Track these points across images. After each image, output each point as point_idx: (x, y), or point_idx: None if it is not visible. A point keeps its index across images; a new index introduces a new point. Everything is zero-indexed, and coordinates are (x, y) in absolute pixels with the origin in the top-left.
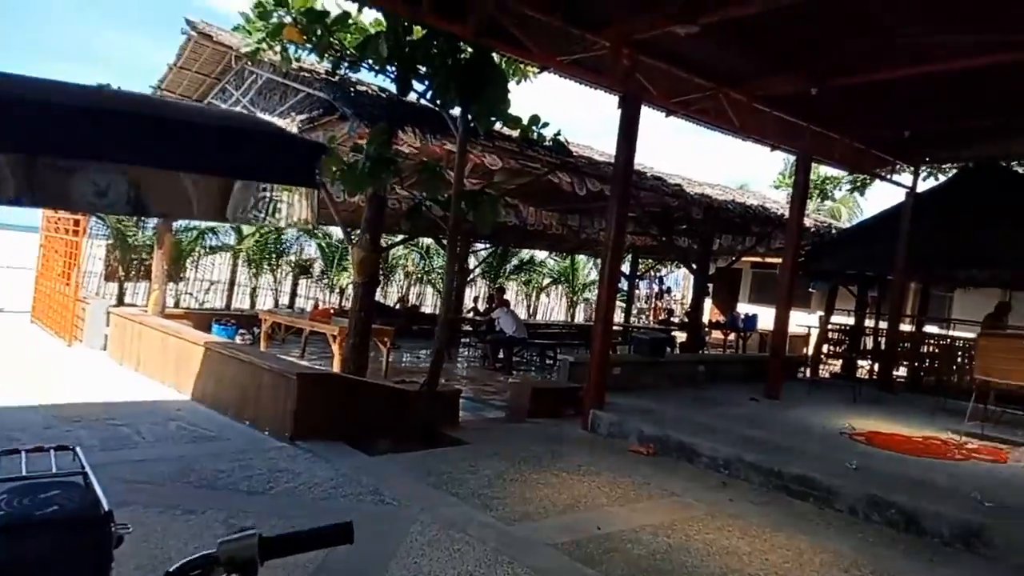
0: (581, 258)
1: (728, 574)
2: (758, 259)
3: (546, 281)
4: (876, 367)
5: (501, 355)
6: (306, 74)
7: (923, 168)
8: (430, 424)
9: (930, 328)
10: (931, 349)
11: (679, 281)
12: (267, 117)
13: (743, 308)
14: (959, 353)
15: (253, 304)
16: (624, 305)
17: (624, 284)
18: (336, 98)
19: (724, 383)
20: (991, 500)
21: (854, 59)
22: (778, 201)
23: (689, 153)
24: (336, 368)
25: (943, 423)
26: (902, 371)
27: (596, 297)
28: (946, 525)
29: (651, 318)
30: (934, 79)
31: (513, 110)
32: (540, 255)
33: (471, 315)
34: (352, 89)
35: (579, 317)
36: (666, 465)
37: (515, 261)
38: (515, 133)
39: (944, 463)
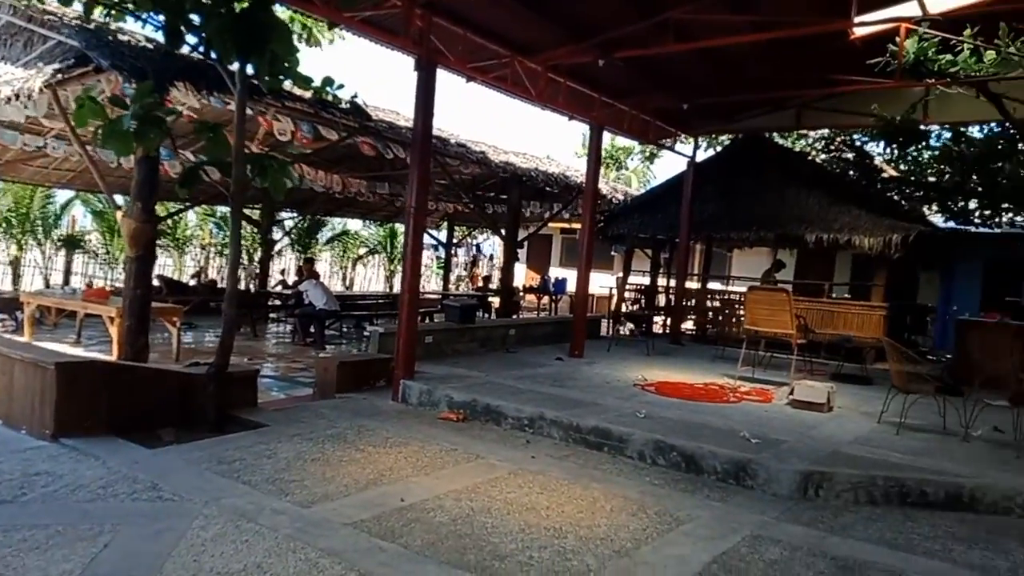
0: (400, 227)
1: (527, 529)
2: (566, 225)
3: (362, 251)
4: (668, 322)
5: (312, 329)
6: (52, 18)
7: (701, 139)
8: (222, 408)
9: (713, 285)
10: (714, 304)
11: (496, 248)
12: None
13: (555, 272)
14: (736, 306)
15: (16, 284)
16: (442, 273)
17: (443, 252)
18: (91, 47)
19: (534, 345)
20: (757, 437)
21: (632, 34)
22: (579, 170)
23: (509, 124)
24: (114, 354)
25: (722, 370)
26: (691, 325)
27: (401, 265)
28: (719, 463)
29: (470, 285)
30: (706, 57)
31: (346, 77)
32: (354, 224)
33: (279, 288)
34: (111, 37)
35: (398, 287)
36: (474, 430)
37: (328, 232)
38: (308, 94)
39: (720, 406)
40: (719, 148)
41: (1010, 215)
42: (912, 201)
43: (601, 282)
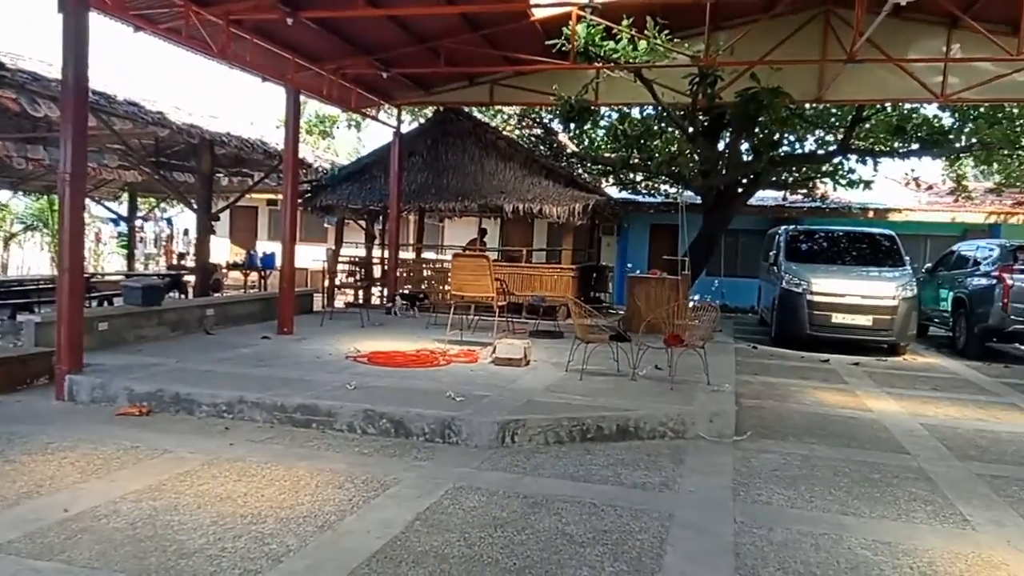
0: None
1: (220, 521)
2: (274, 196)
3: (17, 228)
4: (384, 292)
5: None
6: None
7: (406, 110)
8: None
9: (428, 254)
10: (428, 272)
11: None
12: None
13: (264, 247)
14: (447, 274)
15: None
16: (125, 250)
17: (125, 227)
18: None
19: (238, 325)
20: (462, 396)
21: None
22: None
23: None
24: None
25: (434, 335)
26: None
27: (58, 242)
28: (427, 424)
29: (165, 262)
30: (404, 28)
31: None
32: (2, 195)
33: None
34: None
35: None
36: (161, 423)
37: None
38: None
39: (431, 370)
40: (423, 120)
41: (666, 186)
42: (592, 174)
43: (315, 255)
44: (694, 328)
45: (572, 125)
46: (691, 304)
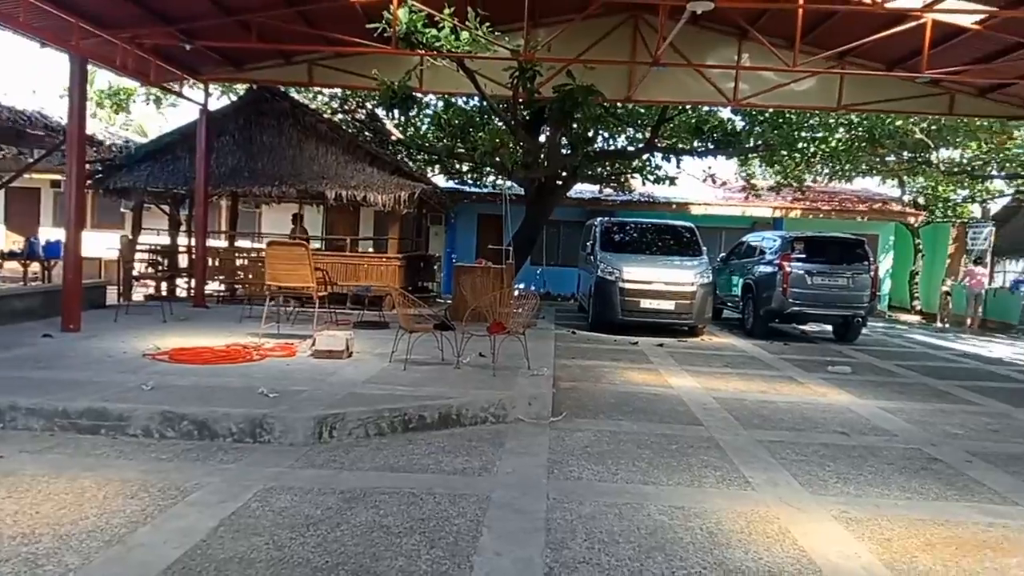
0: None
1: None
2: (60, 177)
3: None
4: (192, 284)
5: None
6: None
7: (214, 86)
8: None
9: (243, 243)
10: (243, 262)
11: None
12: None
13: (48, 233)
14: (262, 264)
15: None
16: None
17: None
18: None
19: (15, 322)
20: (276, 391)
21: None
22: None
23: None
24: None
25: (248, 329)
26: (219, 285)
27: None
28: (235, 424)
29: None
30: None
31: None
32: None
33: None
34: None
35: None
36: None
37: None
38: None
39: (242, 366)
40: (235, 97)
41: (492, 177)
42: (419, 163)
43: (111, 243)
44: (516, 316)
45: (396, 111)
46: (516, 292)
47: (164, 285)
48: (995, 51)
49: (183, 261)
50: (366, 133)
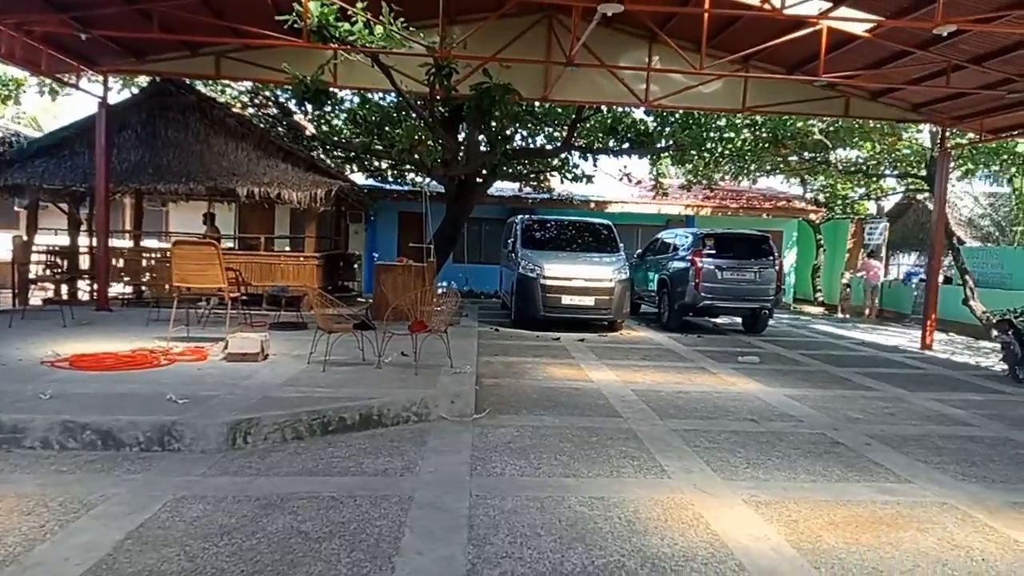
0: None
1: None
2: None
3: None
4: (95, 286)
5: None
6: None
7: (115, 77)
8: None
9: (150, 242)
10: (149, 263)
11: None
12: None
13: None
14: (169, 264)
15: None
16: None
17: None
18: None
19: None
20: (186, 397)
21: None
22: None
23: None
24: None
25: (155, 333)
26: (124, 288)
27: None
28: (142, 432)
29: None
30: None
31: None
32: None
33: None
34: None
35: None
36: None
37: None
38: None
39: (149, 372)
40: (137, 90)
41: (412, 174)
42: (337, 160)
43: (3, 244)
44: (439, 314)
45: (309, 106)
46: (440, 290)
47: (64, 288)
48: (884, 57)
49: (85, 262)
50: (279, 128)
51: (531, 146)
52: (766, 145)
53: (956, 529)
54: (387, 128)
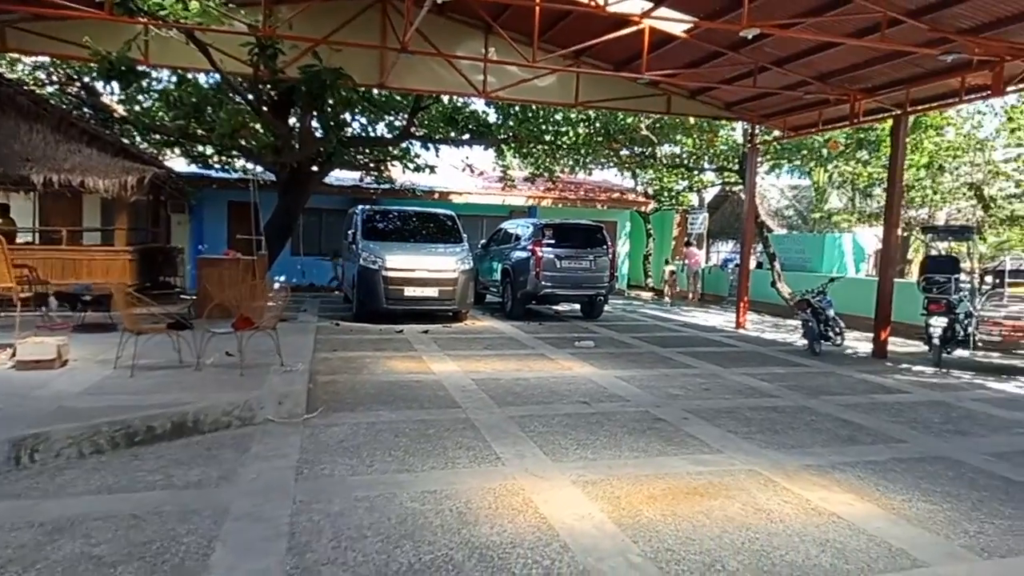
0: None
1: None
2: None
3: None
4: None
5: None
6: None
7: None
8: None
9: None
10: None
11: None
12: None
13: None
14: None
15: None
16: None
17: None
18: None
19: None
20: None
21: None
22: None
23: None
24: None
25: None
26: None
27: None
28: None
29: None
30: None
31: None
32: None
33: None
34: None
35: None
36: None
37: None
38: None
39: None
40: None
41: (242, 161)
42: (155, 144)
43: None
44: (268, 310)
45: (116, 86)
46: (277, 285)
47: None
48: (700, 57)
49: None
50: (84, 110)
51: (370, 135)
52: (599, 139)
53: (759, 494)
54: (209, 110)
